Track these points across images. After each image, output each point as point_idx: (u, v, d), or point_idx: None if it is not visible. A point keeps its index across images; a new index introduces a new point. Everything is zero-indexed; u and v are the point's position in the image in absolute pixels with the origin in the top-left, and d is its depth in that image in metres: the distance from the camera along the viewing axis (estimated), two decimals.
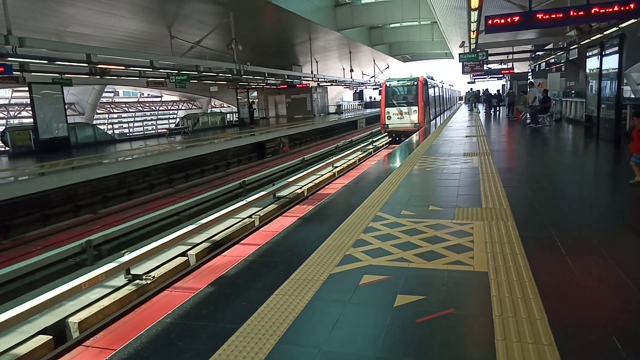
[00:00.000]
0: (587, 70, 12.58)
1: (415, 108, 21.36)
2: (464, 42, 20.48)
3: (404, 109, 21.60)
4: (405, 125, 21.44)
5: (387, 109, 21.87)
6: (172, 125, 28.84)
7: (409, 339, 2.74)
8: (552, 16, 8.20)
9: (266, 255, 4.43)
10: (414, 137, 16.35)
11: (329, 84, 35.76)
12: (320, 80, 31.19)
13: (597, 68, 11.07)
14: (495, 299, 3.12)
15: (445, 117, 27.08)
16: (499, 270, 3.60)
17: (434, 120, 24.82)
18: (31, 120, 17.03)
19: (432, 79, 27.17)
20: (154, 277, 6.03)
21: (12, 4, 10.61)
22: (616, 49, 9.82)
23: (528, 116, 17.35)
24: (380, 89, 25.27)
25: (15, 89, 29.78)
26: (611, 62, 10.28)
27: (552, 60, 22.79)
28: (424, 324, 2.88)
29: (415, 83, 21.62)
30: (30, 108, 17.22)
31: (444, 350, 2.59)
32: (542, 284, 3.31)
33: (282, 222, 8.70)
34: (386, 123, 21.97)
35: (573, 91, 21.21)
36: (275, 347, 2.68)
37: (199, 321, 3.12)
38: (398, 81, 22.46)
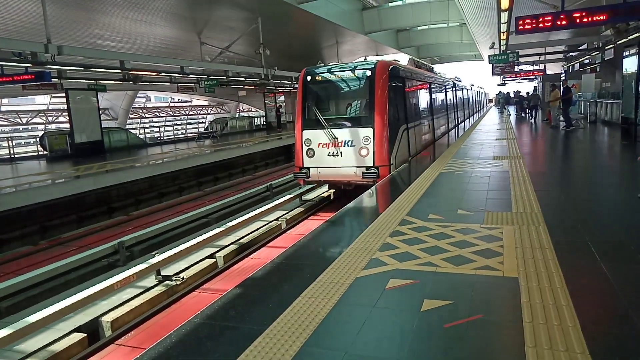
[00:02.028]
0: (624, 71, 12.16)
1: (368, 132, 9.32)
2: (493, 43, 20.13)
3: (343, 134, 9.54)
4: (345, 172, 9.55)
5: (307, 133, 9.83)
6: (202, 130, 29.38)
7: (437, 344, 2.70)
8: (587, 15, 7.97)
9: (292, 258, 4.46)
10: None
11: None
12: None
13: (636, 68, 10.68)
14: (525, 305, 3.04)
15: (467, 128, 20.15)
16: (529, 275, 3.51)
17: (435, 144, 14.06)
18: (68, 125, 17.67)
19: (431, 70, 16.77)
20: (183, 278, 6.15)
21: (51, 14, 11.06)
22: None
23: (561, 118, 16.91)
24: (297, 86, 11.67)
25: (53, 95, 30.93)
26: None
27: (587, 61, 22.14)
28: (451, 329, 2.83)
29: (369, 74, 9.58)
30: (67, 113, 17.88)
31: (472, 357, 2.55)
32: (575, 291, 3.21)
33: (308, 225, 8.74)
34: (304, 164, 9.87)
35: (607, 92, 20.50)
36: (302, 349, 2.69)
37: (226, 322, 3.16)
38: (332, 72, 10.07)
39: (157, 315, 5.41)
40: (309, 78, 10.10)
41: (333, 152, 9.55)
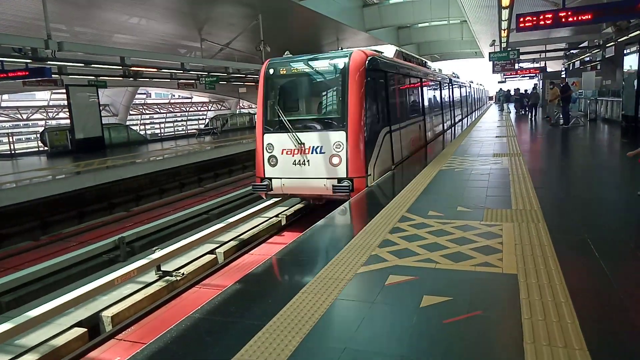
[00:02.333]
0: (625, 68, 12.15)
1: (340, 136, 7.99)
2: (494, 40, 20.10)
3: (311, 139, 8.18)
4: (313, 184, 8.21)
5: (268, 138, 8.49)
6: (202, 126, 29.37)
7: (436, 340, 2.71)
8: (587, 13, 7.96)
9: (292, 254, 4.47)
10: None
11: None
12: None
13: (636, 66, 10.69)
14: (524, 302, 3.05)
15: (465, 127, 18.77)
16: (529, 272, 3.52)
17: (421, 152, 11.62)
18: (68, 121, 17.68)
19: (424, 64, 15.16)
20: (183, 273, 6.16)
21: (51, 10, 11.04)
22: None
23: (560, 116, 16.92)
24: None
25: (53, 91, 30.90)
26: None
27: (587, 59, 22.13)
28: (450, 325, 2.85)
29: (341, 67, 8.16)
30: (67, 109, 17.88)
31: (471, 352, 2.56)
32: (574, 288, 3.22)
33: (308, 222, 8.75)
34: (265, 174, 8.50)
35: (608, 90, 20.50)
36: (301, 344, 2.70)
37: (226, 317, 3.17)
38: (298, 64, 8.58)
39: (157, 310, 5.43)
40: (271, 71, 8.58)
41: (299, 161, 8.18)
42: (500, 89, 40.52)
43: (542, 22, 8.20)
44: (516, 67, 25.37)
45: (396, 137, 9.45)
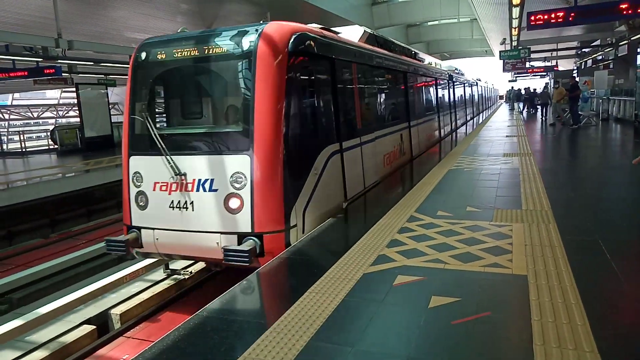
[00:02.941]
0: (638, 67, 11.99)
1: (242, 163, 4.67)
2: (505, 39, 19.94)
3: (196, 166, 4.88)
4: (198, 242, 4.82)
5: (136, 162, 5.23)
6: None
7: (444, 340, 2.69)
8: (600, 11, 7.86)
9: (300, 253, 4.46)
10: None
11: None
12: None
13: None
14: (534, 303, 3.02)
15: (470, 131, 16.35)
16: (539, 273, 3.48)
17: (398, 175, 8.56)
18: (78, 119, 17.84)
19: (414, 55, 12.60)
20: (191, 272, 6.18)
21: (61, 9, 11.12)
22: None
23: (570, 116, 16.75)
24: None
25: (63, 89, 31.17)
26: None
27: (600, 57, 21.88)
28: (459, 326, 2.82)
29: (246, 49, 4.84)
30: (77, 108, 18.04)
31: (479, 353, 2.53)
32: (585, 289, 3.17)
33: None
34: (132, 221, 5.15)
35: (620, 89, 20.26)
36: (309, 343, 2.69)
37: (234, 316, 3.17)
38: (183, 45, 5.16)
39: (165, 308, 5.46)
40: (143, 56, 5.45)
41: (179, 202, 4.91)
42: (512, 87, 40.21)
43: (553, 20, 8.11)
44: (527, 65, 25.13)
45: (352, 158, 6.40)
